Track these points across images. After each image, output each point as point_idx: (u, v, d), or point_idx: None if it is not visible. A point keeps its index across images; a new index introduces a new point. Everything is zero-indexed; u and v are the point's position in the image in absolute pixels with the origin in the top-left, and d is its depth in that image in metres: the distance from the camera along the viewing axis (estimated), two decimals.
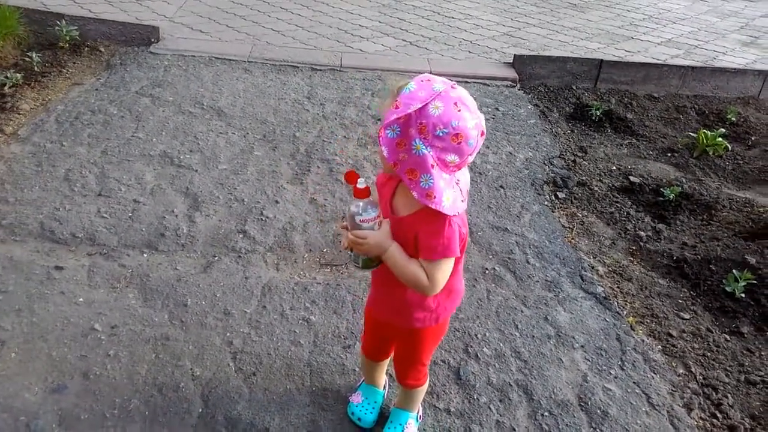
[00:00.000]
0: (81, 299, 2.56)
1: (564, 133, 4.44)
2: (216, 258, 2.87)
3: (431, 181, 1.47)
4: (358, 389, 2.26)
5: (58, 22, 4.65)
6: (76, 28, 4.70)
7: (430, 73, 1.57)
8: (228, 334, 2.48)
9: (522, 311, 2.77)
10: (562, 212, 3.54)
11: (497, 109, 4.63)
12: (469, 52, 5.48)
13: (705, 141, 4.31)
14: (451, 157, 1.48)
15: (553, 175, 3.87)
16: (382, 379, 2.28)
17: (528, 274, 3.00)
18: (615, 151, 4.31)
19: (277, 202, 3.30)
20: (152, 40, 4.94)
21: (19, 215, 2.98)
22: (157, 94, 4.22)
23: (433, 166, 1.47)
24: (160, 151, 3.61)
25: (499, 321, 2.70)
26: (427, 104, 1.44)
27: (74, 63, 4.53)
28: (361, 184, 1.62)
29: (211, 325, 2.51)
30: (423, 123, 1.44)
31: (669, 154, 4.34)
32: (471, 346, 2.55)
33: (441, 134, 1.44)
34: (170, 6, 5.71)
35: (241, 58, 4.89)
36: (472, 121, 1.46)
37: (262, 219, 3.15)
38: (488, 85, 4.97)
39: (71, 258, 2.77)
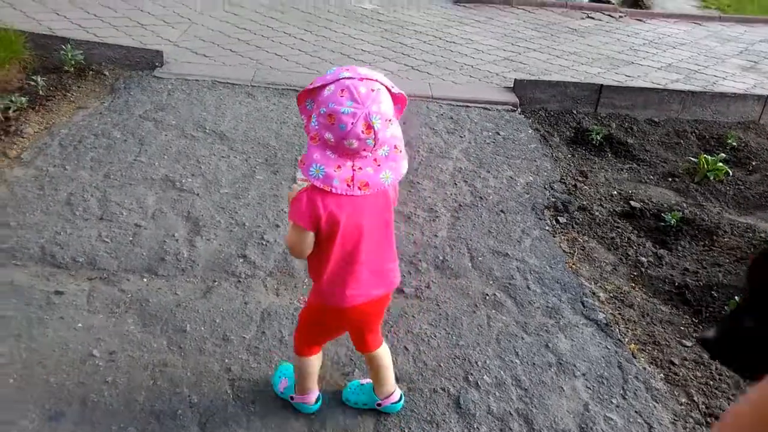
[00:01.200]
0: (80, 324, 2.55)
1: (564, 158, 4.46)
2: (216, 283, 2.87)
3: (306, 149, 1.74)
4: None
5: (63, 47, 4.70)
6: (81, 52, 4.75)
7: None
8: (226, 360, 2.47)
9: (523, 338, 2.75)
10: (562, 237, 3.54)
11: (498, 133, 4.65)
12: (470, 76, 5.53)
13: (706, 166, 4.32)
14: (327, 135, 1.69)
15: (553, 199, 3.87)
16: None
17: (529, 300, 2.99)
18: (616, 175, 4.32)
19: (278, 226, 3.31)
20: (156, 64, 4.99)
21: (20, 239, 2.98)
22: (160, 118, 4.26)
23: (313, 138, 1.72)
24: (162, 175, 3.63)
25: (499, 348, 2.68)
26: (325, 85, 1.69)
27: (79, 87, 4.57)
28: None
29: (210, 351, 2.50)
30: (318, 101, 1.71)
31: (670, 179, 4.35)
32: (471, 374, 2.53)
33: (322, 112, 1.68)
34: (174, 30, 5.79)
35: (244, 82, 4.93)
36: (348, 109, 1.64)
37: (262, 243, 3.16)
38: (489, 110, 5.00)
39: (71, 282, 2.77)
